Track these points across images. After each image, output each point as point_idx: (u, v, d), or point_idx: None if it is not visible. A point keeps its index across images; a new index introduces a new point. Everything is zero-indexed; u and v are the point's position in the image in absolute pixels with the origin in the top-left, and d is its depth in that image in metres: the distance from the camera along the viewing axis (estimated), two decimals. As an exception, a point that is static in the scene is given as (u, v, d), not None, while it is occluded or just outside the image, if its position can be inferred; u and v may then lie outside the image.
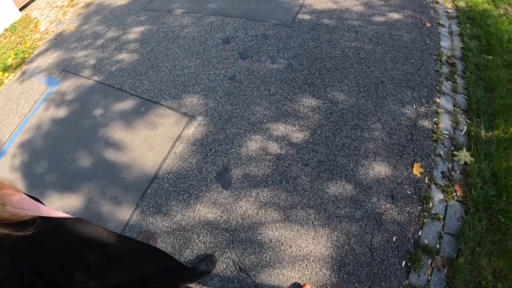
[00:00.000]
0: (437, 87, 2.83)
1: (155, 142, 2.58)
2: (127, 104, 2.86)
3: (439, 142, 2.54)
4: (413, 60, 3.06)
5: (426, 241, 2.15)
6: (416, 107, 2.67)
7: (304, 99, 2.71)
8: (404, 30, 3.24)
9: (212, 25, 3.36)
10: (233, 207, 2.21)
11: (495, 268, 2.14)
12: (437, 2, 3.78)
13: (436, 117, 2.62)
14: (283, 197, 2.23)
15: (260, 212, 2.16)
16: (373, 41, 3.10)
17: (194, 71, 2.95)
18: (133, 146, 2.57)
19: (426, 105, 2.68)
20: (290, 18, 3.32)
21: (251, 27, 3.25)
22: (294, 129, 2.55)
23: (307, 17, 3.36)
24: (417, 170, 2.46)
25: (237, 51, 3.05)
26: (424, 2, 3.72)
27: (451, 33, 3.47)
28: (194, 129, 2.60)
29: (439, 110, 2.71)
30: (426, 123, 2.58)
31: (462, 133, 2.70)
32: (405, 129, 2.55)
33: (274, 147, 2.45)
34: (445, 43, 3.35)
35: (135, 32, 3.44)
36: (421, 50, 3.06)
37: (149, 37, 3.32)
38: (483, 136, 2.68)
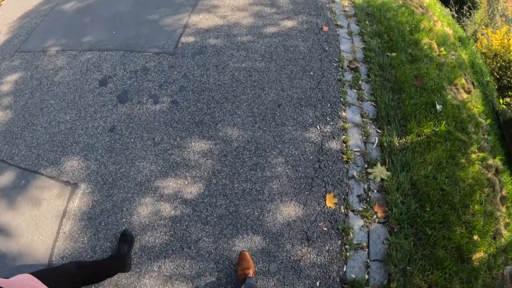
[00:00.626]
0: (342, 99, 2.90)
1: (41, 222, 2.40)
2: (6, 178, 2.65)
3: (350, 162, 2.52)
4: (312, 73, 3.17)
5: (353, 275, 2.07)
6: (320, 127, 2.69)
7: (193, 143, 2.66)
8: (300, 39, 3.43)
9: (88, 64, 3.33)
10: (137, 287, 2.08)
11: (430, 283, 2.07)
12: (333, 1, 4.19)
13: (344, 134, 2.68)
14: (188, 265, 2.12)
15: None
16: (266, 57, 3.22)
17: (71, 126, 2.88)
18: (20, 230, 2.39)
19: (331, 123, 2.72)
20: (172, 43, 3.41)
21: (130, 60, 3.28)
22: (186, 182, 2.48)
23: (191, 39, 3.47)
24: (330, 201, 2.40)
25: (115, 93, 3.03)
26: (320, 3, 4.06)
27: (350, 33, 3.75)
28: (79, 201, 2.47)
29: (346, 125, 2.74)
30: (333, 144, 2.60)
31: (374, 145, 2.68)
32: (311, 157, 2.54)
33: (167, 209, 2.38)
34: (345, 46, 3.56)
35: (8, 83, 3.35)
36: (320, 59, 3.25)
37: (22, 87, 3.27)
38: (397, 144, 2.69)
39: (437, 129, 2.68)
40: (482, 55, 6.00)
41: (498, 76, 5.91)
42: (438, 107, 2.85)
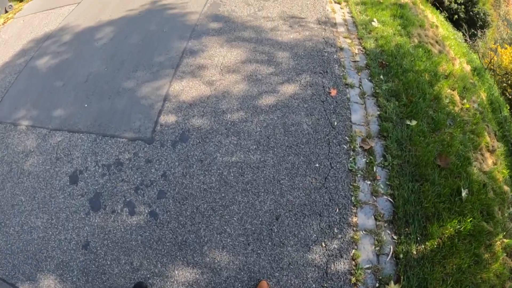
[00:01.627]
0: (352, 198, 2.41)
1: None
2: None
3: (359, 284, 2.10)
4: (317, 164, 2.61)
5: None
6: (326, 244, 2.24)
7: (176, 272, 2.21)
8: (303, 112, 2.91)
9: (58, 150, 2.91)
10: None
11: None
12: (341, 49, 3.58)
13: (353, 248, 2.22)
14: None
15: None
16: (261, 144, 2.70)
17: (43, 235, 2.51)
18: None
19: (339, 236, 2.26)
20: (150, 124, 2.92)
21: (103, 149, 2.83)
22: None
23: (172, 119, 2.95)
24: None
25: (87, 196, 2.63)
26: (325, 54, 3.46)
27: (363, 95, 3.18)
28: None
29: (357, 235, 2.29)
30: (340, 265, 2.15)
31: (388, 258, 2.26)
32: (314, 286, 2.09)
33: None
34: (357, 116, 2.98)
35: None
36: (327, 141, 2.72)
37: (-5, 169, 3.01)
38: (414, 252, 2.27)
39: (462, 227, 2.26)
40: (492, 72, 5.59)
41: (510, 96, 5.45)
42: (464, 193, 2.41)
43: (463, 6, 7.11)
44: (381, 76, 3.25)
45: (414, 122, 2.82)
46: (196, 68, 3.22)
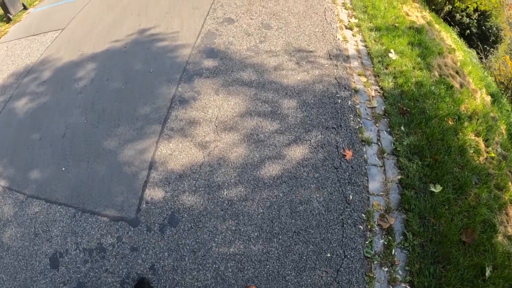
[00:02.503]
0: None
1: None
2: None
3: None
4: (329, 254, 2.18)
5: None
6: None
7: None
8: (314, 185, 2.47)
9: (36, 223, 2.53)
10: None
11: None
12: (356, 92, 3.17)
13: None
14: None
15: None
16: (264, 230, 2.27)
17: None
18: None
19: None
20: (134, 200, 2.49)
21: (83, 228, 2.43)
22: None
23: (159, 194, 2.52)
24: None
25: (69, 285, 2.23)
26: (339, 100, 3.03)
27: (382, 154, 2.75)
28: None
29: None
30: None
31: None
32: None
33: None
34: (375, 184, 2.53)
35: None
36: (340, 222, 2.29)
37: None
38: None
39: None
40: (500, 85, 5.34)
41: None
42: (488, 272, 2.08)
43: (475, 21, 6.68)
44: (402, 127, 2.81)
45: (438, 188, 2.40)
46: (186, 124, 2.78)
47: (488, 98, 3.94)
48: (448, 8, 5.96)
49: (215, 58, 3.29)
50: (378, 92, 3.05)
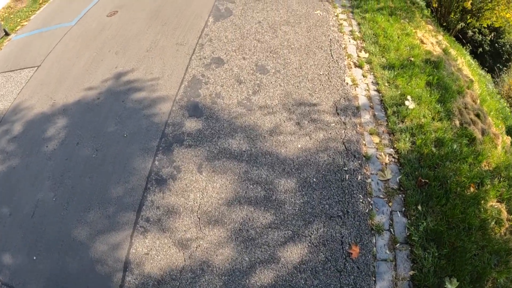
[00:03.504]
0: None
1: None
2: None
3: None
4: None
5: None
6: None
7: None
8: None
9: None
10: None
11: None
12: (367, 159, 2.65)
13: None
14: None
15: None
16: None
17: None
18: None
19: None
20: None
21: None
22: None
23: None
24: None
25: None
26: (347, 177, 2.49)
27: (393, 244, 2.25)
28: None
29: None
30: None
31: None
32: None
33: None
34: (383, 284, 2.04)
35: None
36: None
37: None
38: None
39: None
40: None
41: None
42: None
43: (488, 38, 6.03)
44: (419, 207, 2.33)
45: (454, 284, 2.06)
46: (164, 213, 2.33)
47: (509, 140, 3.49)
48: (461, 25, 5.35)
49: (199, 118, 2.79)
50: (393, 158, 2.54)
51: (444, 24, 4.98)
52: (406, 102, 2.91)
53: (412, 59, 3.37)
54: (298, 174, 2.42)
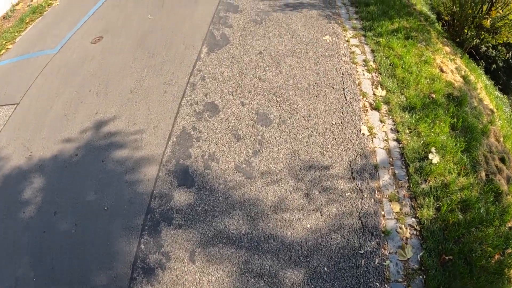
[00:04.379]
0: None
1: None
2: None
3: None
4: None
5: None
6: None
7: None
8: None
9: None
10: None
11: None
12: (386, 235, 2.15)
13: None
14: None
15: None
16: None
17: None
18: None
19: None
20: None
21: None
22: None
23: None
24: None
25: None
26: (363, 263, 2.03)
27: None
28: None
29: None
30: None
31: None
32: None
33: None
34: None
35: None
36: None
37: None
38: None
39: None
40: None
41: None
42: None
43: (502, 54, 5.39)
44: None
45: None
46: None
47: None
48: (476, 42, 4.83)
49: (190, 188, 2.33)
50: (415, 229, 2.13)
51: (458, 40, 4.52)
52: (430, 155, 2.50)
53: (434, 96, 2.96)
54: (307, 262, 2.00)
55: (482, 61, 5.39)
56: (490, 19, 3.99)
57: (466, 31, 4.44)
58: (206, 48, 3.40)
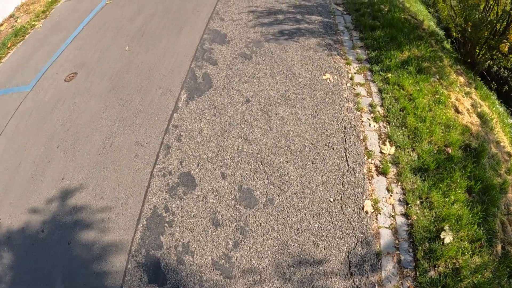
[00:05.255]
0: None
1: None
2: None
3: None
4: None
5: None
6: None
7: None
8: None
9: None
10: None
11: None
12: None
13: None
14: None
15: None
16: None
17: None
18: None
19: None
20: None
21: None
22: None
23: None
24: None
25: None
26: None
27: None
28: None
29: None
30: None
31: None
32: None
33: None
34: None
35: None
36: None
37: None
38: None
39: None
40: None
41: None
42: None
43: None
44: None
45: None
46: None
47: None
48: (489, 63, 4.39)
49: None
50: None
51: (469, 60, 3.97)
52: (442, 234, 2.10)
53: (450, 150, 2.49)
54: None
55: (493, 82, 4.89)
56: (508, 43, 3.41)
57: (477, 50, 3.89)
58: (185, 94, 2.94)
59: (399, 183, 2.28)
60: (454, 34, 4.30)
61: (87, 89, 3.39)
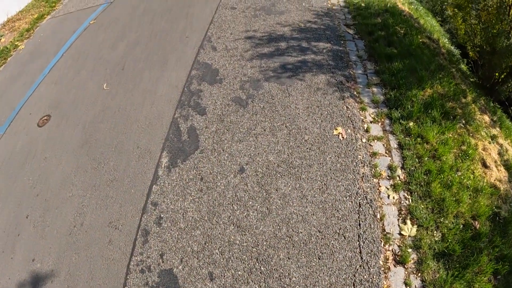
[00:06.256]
0: None
1: None
2: None
3: None
4: None
5: None
6: None
7: None
8: None
9: None
10: None
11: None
12: None
13: None
14: None
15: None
16: None
17: None
18: None
19: None
20: None
21: None
22: None
23: None
24: None
25: None
26: None
27: None
28: None
29: None
30: None
31: None
32: None
33: None
34: None
35: None
36: None
37: None
38: None
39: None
40: None
41: None
42: None
43: None
44: None
45: None
46: None
47: None
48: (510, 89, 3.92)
49: None
50: None
51: (487, 85, 3.53)
52: None
53: (477, 225, 1.99)
54: None
55: (511, 108, 4.39)
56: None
57: (497, 74, 3.49)
58: (167, 156, 2.43)
59: (419, 274, 1.82)
60: (471, 54, 3.87)
61: (59, 140, 2.91)
